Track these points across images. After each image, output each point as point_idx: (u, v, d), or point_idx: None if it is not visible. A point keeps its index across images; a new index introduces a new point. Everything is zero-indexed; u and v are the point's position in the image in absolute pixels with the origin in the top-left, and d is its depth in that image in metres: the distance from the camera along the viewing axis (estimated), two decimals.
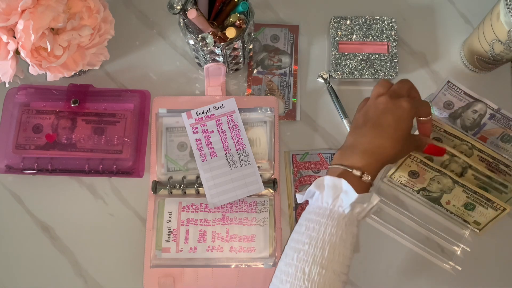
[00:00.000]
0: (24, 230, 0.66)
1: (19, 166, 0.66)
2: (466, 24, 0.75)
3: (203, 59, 0.67)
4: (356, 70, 0.70)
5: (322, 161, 0.68)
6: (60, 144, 0.66)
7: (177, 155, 0.67)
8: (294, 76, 0.71)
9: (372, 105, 0.57)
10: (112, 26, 0.66)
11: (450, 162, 0.63)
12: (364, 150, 0.54)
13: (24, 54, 0.57)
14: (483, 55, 0.67)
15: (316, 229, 0.50)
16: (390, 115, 0.55)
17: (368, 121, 0.56)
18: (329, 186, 0.52)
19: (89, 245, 0.66)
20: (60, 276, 0.65)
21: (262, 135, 0.68)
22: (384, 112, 0.55)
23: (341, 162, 0.54)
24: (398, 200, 0.68)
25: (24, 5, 0.55)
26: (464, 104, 0.67)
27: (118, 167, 0.66)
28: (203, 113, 0.67)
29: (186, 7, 0.60)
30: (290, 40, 0.72)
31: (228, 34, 0.61)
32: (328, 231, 0.50)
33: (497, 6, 0.62)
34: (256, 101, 0.69)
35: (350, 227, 0.51)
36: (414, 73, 0.73)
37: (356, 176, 0.52)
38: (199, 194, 0.66)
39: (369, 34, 0.71)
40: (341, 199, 0.51)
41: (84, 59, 0.63)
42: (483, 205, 0.61)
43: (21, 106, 0.68)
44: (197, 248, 0.64)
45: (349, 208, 0.50)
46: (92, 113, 0.68)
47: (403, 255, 0.66)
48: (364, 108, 0.58)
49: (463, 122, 0.67)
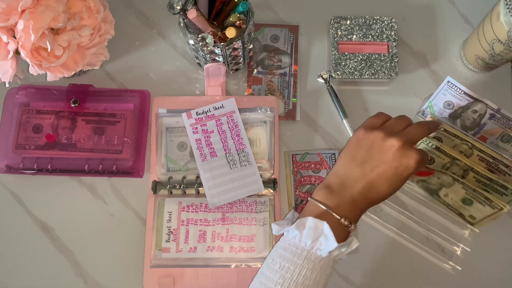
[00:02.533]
0: (24, 230, 0.66)
1: (19, 166, 0.66)
2: (466, 24, 0.75)
3: (203, 59, 0.67)
4: (356, 70, 0.70)
5: (322, 161, 0.68)
6: (60, 144, 0.66)
7: (177, 155, 0.67)
8: (294, 76, 0.71)
9: (379, 143, 0.51)
10: (112, 26, 0.66)
11: (451, 165, 0.63)
12: (354, 199, 0.51)
13: (24, 54, 0.57)
14: (483, 55, 0.67)
15: (290, 270, 0.48)
16: (394, 168, 0.50)
17: (367, 161, 0.51)
18: (310, 227, 0.49)
19: (89, 245, 0.66)
20: (60, 276, 0.65)
21: (262, 135, 0.68)
22: (391, 161, 0.50)
23: (328, 202, 0.51)
24: (398, 200, 0.68)
25: (24, 5, 0.55)
26: (464, 104, 0.67)
27: (118, 167, 0.66)
28: (203, 113, 0.67)
29: (186, 7, 0.60)
30: (290, 40, 0.72)
31: (228, 34, 0.61)
32: (303, 273, 0.48)
33: (497, 6, 0.62)
34: (256, 101, 0.69)
35: (325, 269, 0.49)
36: (414, 73, 0.73)
37: (342, 224, 0.50)
38: (199, 194, 0.66)
39: (369, 34, 0.71)
40: (320, 242, 0.49)
41: (84, 59, 0.63)
42: (481, 202, 0.61)
43: (21, 106, 0.68)
44: (197, 248, 0.64)
45: (327, 253, 0.49)
46: (92, 113, 0.68)
47: (403, 255, 0.66)
48: (367, 138, 0.52)
49: (463, 122, 0.67)
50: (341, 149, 0.69)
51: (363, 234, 0.67)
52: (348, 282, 0.65)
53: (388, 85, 0.72)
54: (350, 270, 0.66)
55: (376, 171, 0.51)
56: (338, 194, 0.51)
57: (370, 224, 0.67)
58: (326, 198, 0.51)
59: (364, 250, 0.66)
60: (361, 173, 0.51)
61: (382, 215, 0.67)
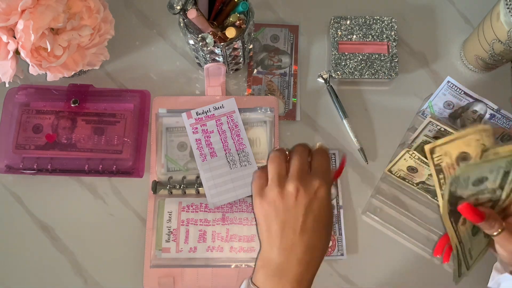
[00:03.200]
0: (24, 230, 0.66)
1: (19, 166, 0.66)
2: (466, 24, 0.75)
3: (203, 59, 0.67)
4: (356, 70, 0.70)
5: None
6: (60, 144, 0.66)
7: (177, 155, 0.67)
8: (294, 76, 0.71)
9: (280, 198, 0.47)
10: (112, 26, 0.66)
11: None
12: (295, 275, 0.46)
13: (24, 54, 0.57)
14: (483, 55, 0.67)
15: None
16: (311, 214, 0.47)
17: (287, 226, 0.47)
18: None
19: (89, 245, 0.66)
20: (60, 276, 0.65)
21: (262, 135, 0.68)
22: (304, 211, 0.47)
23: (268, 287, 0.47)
24: (398, 200, 0.68)
25: (24, 5, 0.55)
26: (464, 104, 0.67)
27: (118, 167, 0.66)
28: (203, 113, 0.67)
29: (186, 7, 0.60)
30: (290, 40, 0.72)
31: (228, 34, 0.61)
32: None
33: (497, 6, 0.62)
34: (256, 101, 0.69)
35: None
36: (414, 73, 0.73)
37: None
38: (199, 194, 0.66)
39: (369, 34, 0.71)
40: None
41: (84, 59, 0.63)
42: None
43: (21, 106, 0.68)
44: (197, 248, 0.64)
45: None
46: (92, 113, 0.68)
47: (403, 255, 0.66)
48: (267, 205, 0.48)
49: (463, 122, 0.67)
50: (342, 150, 0.70)
51: (363, 234, 0.67)
52: (348, 282, 0.65)
53: (388, 85, 0.72)
54: (350, 270, 0.66)
55: (303, 228, 0.47)
56: (276, 278, 0.47)
57: (370, 224, 0.67)
58: (264, 283, 0.47)
59: (364, 250, 0.66)
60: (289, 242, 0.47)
61: (382, 215, 0.67)
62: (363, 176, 0.69)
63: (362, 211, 0.67)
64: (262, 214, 0.48)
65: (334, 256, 0.65)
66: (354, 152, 0.70)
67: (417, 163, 0.62)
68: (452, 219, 0.51)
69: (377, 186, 0.68)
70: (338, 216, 0.66)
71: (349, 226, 0.67)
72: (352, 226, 0.67)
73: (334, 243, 0.65)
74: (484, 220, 0.49)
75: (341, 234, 0.65)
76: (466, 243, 0.54)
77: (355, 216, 0.67)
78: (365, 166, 0.69)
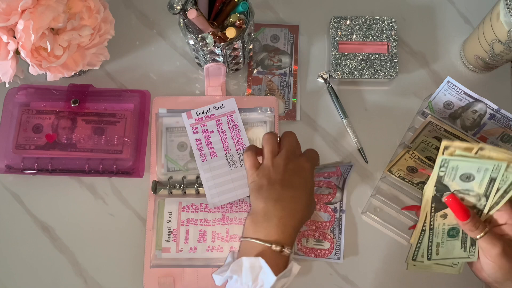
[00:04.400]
0: (24, 230, 0.66)
1: (19, 166, 0.66)
2: (466, 24, 0.75)
3: (203, 59, 0.67)
4: (356, 70, 0.70)
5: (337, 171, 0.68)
6: (60, 144, 0.66)
7: (177, 155, 0.67)
8: (294, 76, 0.71)
9: (272, 166, 0.55)
10: (112, 26, 0.66)
11: None
12: (280, 218, 0.52)
13: (24, 54, 0.57)
14: (483, 55, 0.67)
15: None
16: (296, 176, 0.54)
17: (275, 182, 0.53)
18: (246, 268, 0.50)
19: (89, 245, 0.66)
20: (60, 276, 0.65)
21: (262, 135, 0.68)
22: (290, 173, 0.54)
23: (256, 235, 0.52)
24: (398, 200, 0.68)
25: (24, 5, 0.55)
26: (464, 104, 0.67)
27: (118, 167, 0.66)
28: (203, 113, 0.67)
29: (186, 7, 0.60)
30: (290, 40, 0.72)
31: (228, 34, 0.61)
32: None
33: (497, 6, 0.62)
34: (256, 101, 0.69)
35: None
36: (414, 73, 0.73)
37: (275, 251, 0.50)
38: (199, 194, 0.66)
39: (369, 34, 0.71)
40: (261, 279, 0.49)
41: (84, 59, 0.63)
42: None
43: (21, 106, 0.68)
44: (197, 248, 0.64)
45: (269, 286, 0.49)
46: (92, 113, 0.68)
47: (403, 254, 0.66)
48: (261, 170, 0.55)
49: (463, 122, 0.67)
50: (347, 159, 0.70)
51: (363, 234, 0.67)
52: (348, 282, 0.66)
53: (388, 85, 0.72)
54: (350, 270, 0.66)
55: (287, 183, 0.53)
56: (263, 223, 0.52)
57: (370, 224, 0.67)
58: (254, 231, 0.52)
59: (364, 250, 0.66)
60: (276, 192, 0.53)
61: (382, 215, 0.67)
62: (363, 176, 0.69)
63: (362, 211, 0.67)
64: (255, 182, 0.55)
65: (331, 258, 0.65)
66: (354, 152, 0.70)
67: (417, 163, 0.62)
68: (433, 205, 0.53)
69: (377, 186, 0.68)
70: (340, 220, 0.66)
71: (349, 226, 0.67)
72: (352, 226, 0.67)
73: (332, 245, 0.65)
74: (469, 218, 0.50)
75: (341, 238, 0.65)
76: (436, 235, 0.55)
77: (355, 216, 0.67)
78: (365, 166, 0.69)
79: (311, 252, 0.65)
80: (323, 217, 0.66)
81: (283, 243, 0.51)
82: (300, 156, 0.56)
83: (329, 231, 0.65)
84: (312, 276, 0.66)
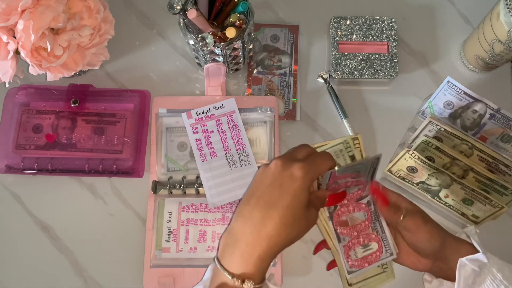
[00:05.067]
0: (24, 230, 0.66)
1: (19, 166, 0.66)
2: (466, 24, 0.75)
3: (203, 59, 0.67)
4: (356, 70, 0.70)
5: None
6: (60, 144, 0.66)
7: (177, 155, 0.67)
8: (294, 76, 0.71)
9: (260, 173, 0.47)
10: (112, 26, 0.66)
11: (451, 165, 0.63)
12: (246, 245, 0.44)
13: (24, 54, 0.57)
14: (483, 55, 0.67)
15: None
16: (277, 189, 0.44)
17: (253, 195, 0.45)
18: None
19: (89, 245, 0.66)
20: (60, 276, 0.65)
21: (262, 135, 0.68)
22: (271, 185, 0.45)
23: (222, 260, 0.45)
24: None
25: (24, 5, 0.55)
26: (464, 104, 0.67)
27: (118, 167, 0.66)
28: (203, 113, 0.67)
29: (186, 7, 0.60)
30: (290, 40, 0.72)
31: (228, 34, 0.61)
32: None
33: (497, 6, 0.62)
34: (256, 101, 0.69)
35: None
36: (414, 73, 0.73)
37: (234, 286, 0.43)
38: (199, 194, 0.66)
39: (369, 34, 0.71)
40: None
41: (84, 59, 0.63)
42: (481, 201, 0.61)
43: (21, 106, 0.68)
44: (197, 248, 0.64)
45: None
46: (92, 113, 0.68)
47: None
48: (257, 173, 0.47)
49: (463, 122, 0.67)
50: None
51: None
52: None
53: (388, 85, 0.72)
54: None
55: (263, 200, 0.45)
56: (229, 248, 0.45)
57: None
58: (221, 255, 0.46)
59: None
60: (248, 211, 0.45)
61: None
62: None
63: None
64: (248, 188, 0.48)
65: (385, 258, 0.57)
66: None
67: (417, 163, 0.62)
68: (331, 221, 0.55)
69: None
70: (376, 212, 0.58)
71: None
72: None
73: (380, 243, 0.57)
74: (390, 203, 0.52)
75: (384, 232, 0.57)
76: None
77: None
78: None
79: (363, 262, 0.56)
80: (360, 217, 0.57)
81: (245, 277, 0.44)
82: (296, 162, 0.46)
83: (371, 230, 0.57)
84: (312, 276, 0.66)
